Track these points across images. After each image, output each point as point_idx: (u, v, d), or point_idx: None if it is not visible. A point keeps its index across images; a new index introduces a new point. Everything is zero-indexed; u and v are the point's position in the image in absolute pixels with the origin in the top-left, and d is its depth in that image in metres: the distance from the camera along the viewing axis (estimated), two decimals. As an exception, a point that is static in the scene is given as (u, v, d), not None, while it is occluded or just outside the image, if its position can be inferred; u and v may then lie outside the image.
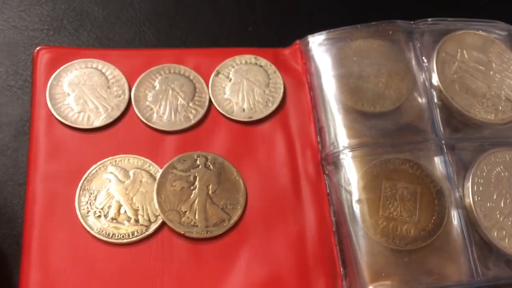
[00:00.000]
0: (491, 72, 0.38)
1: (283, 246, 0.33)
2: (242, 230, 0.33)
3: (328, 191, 0.35)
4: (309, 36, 0.39)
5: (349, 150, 0.35)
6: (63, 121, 0.34)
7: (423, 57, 0.38)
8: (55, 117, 0.34)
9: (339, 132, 0.36)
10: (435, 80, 0.37)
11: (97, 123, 0.35)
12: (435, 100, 0.37)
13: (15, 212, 0.33)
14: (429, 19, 0.39)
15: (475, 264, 0.33)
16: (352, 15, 0.44)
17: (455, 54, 0.38)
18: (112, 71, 0.36)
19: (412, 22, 0.39)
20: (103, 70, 0.36)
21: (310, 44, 0.39)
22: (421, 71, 0.38)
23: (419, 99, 0.37)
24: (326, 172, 0.36)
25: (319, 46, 0.39)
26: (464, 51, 0.38)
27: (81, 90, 0.36)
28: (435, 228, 0.33)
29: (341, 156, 0.35)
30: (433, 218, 0.33)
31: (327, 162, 0.36)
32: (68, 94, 0.35)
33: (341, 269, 0.33)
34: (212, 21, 0.42)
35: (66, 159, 0.34)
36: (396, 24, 0.39)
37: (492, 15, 0.41)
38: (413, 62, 0.38)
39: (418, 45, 0.38)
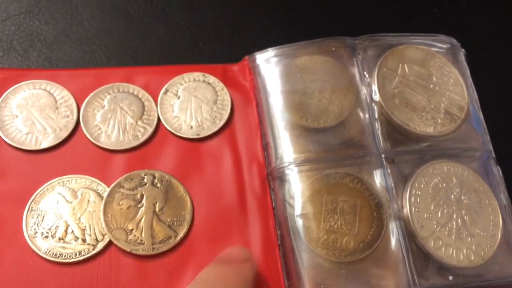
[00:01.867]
0: (432, 86, 0.40)
1: (229, 260, 0.34)
2: (188, 246, 0.34)
3: (273, 205, 0.36)
4: (256, 52, 0.40)
5: (294, 165, 0.36)
6: (10, 143, 0.35)
7: (365, 73, 0.39)
8: (3, 139, 0.35)
9: (285, 148, 0.37)
10: (376, 95, 0.38)
11: (45, 144, 0.35)
12: (376, 115, 0.38)
13: (-37, 235, 0.34)
14: (372, 35, 0.40)
15: (412, 273, 0.34)
16: (304, 31, 0.45)
17: (396, 69, 0.39)
18: (60, 92, 0.37)
19: (355, 38, 0.40)
20: (51, 91, 0.37)
21: (257, 61, 0.40)
22: (363, 86, 0.39)
23: (361, 114, 0.38)
24: (272, 187, 0.37)
25: (266, 62, 0.40)
26: (405, 66, 0.40)
27: (29, 111, 0.36)
28: (374, 240, 0.34)
29: (286, 171, 0.36)
30: (372, 230, 0.35)
31: (273, 177, 0.37)
32: (16, 116, 0.36)
33: (285, 281, 0.34)
34: (163, 38, 0.43)
35: (14, 181, 0.34)
36: (340, 40, 0.40)
37: (441, 27, 0.43)
38: (356, 77, 0.39)
39: (361, 61, 0.40)
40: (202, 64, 0.41)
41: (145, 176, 0.36)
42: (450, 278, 0.35)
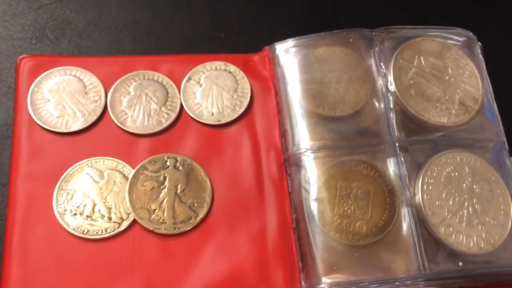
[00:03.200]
0: (447, 77, 0.40)
1: (246, 241, 0.36)
2: (207, 227, 0.36)
3: (289, 190, 0.38)
4: (276, 43, 0.42)
5: (310, 152, 0.38)
6: (43, 125, 0.37)
7: (382, 64, 0.40)
8: (35, 121, 0.37)
9: (302, 135, 0.39)
10: (392, 85, 0.39)
11: (75, 127, 0.38)
12: (392, 105, 0.39)
13: (-2, 211, 0.36)
14: (389, 27, 0.41)
15: (422, 258, 0.35)
16: (324, 22, 0.46)
17: (412, 61, 0.40)
18: (89, 78, 0.39)
19: (372, 30, 0.41)
20: (81, 77, 0.39)
21: (277, 51, 0.41)
22: (380, 77, 0.40)
23: (377, 104, 0.39)
24: (288, 173, 0.38)
25: (285, 53, 0.41)
26: (421, 57, 0.41)
27: (60, 96, 0.38)
28: (386, 225, 0.36)
29: (303, 157, 0.38)
30: (384, 215, 0.36)
31: (290, 163, 0.38)
32: (48, 100, 0.38)
33: (299, 263, 0.36)
34: (186, 28, 0.44)
35: (45, 161, 0.36)
36: (357, 32, 0.41)
37: (458, 20, 0.43)
38: (373, 68, 0.40)
39: (378, 52, 0.41)
40: (224, 53, 0.42)
41: (168, 160, 0.37)
42: (460, 264, 0.36)
